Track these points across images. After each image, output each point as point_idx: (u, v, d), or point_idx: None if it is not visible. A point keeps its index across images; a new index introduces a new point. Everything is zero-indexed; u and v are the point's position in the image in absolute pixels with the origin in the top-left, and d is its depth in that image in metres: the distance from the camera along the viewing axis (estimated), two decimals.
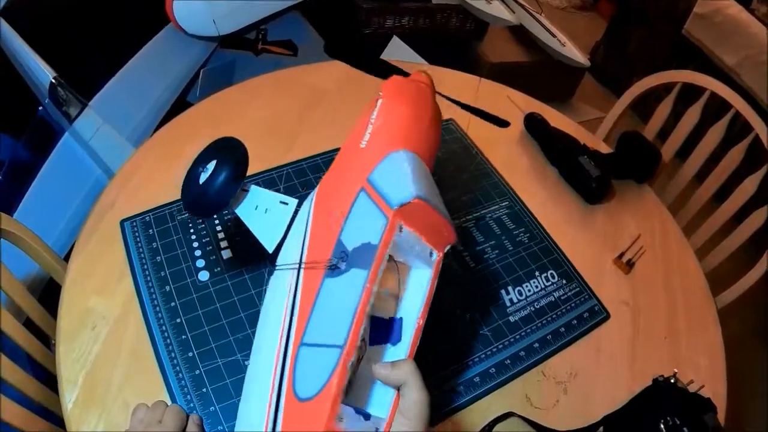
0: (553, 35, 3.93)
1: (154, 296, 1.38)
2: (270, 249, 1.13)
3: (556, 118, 2.05)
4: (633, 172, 1.94)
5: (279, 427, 0.86)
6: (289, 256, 1.07)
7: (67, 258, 1.52)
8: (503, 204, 1.76)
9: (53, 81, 2.46)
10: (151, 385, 1.25)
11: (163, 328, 1.33)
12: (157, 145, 1.79)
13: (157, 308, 1.36)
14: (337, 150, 1.18)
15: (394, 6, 3.61)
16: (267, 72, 2.05)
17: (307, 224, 1.08)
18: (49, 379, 1.48)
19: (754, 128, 2.07)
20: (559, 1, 5.77)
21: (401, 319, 1.00)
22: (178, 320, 1.34)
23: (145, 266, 1.43)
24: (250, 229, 1.17)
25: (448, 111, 2.01)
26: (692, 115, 2.24)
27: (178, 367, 1.27)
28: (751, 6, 4.02)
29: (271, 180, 1.67)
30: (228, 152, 1.20)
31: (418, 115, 1.18)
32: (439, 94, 1.34)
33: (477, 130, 1.96)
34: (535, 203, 1.78)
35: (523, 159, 1.93)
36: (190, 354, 1.29)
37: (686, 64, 3.92)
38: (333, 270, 0.95)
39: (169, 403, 1.18)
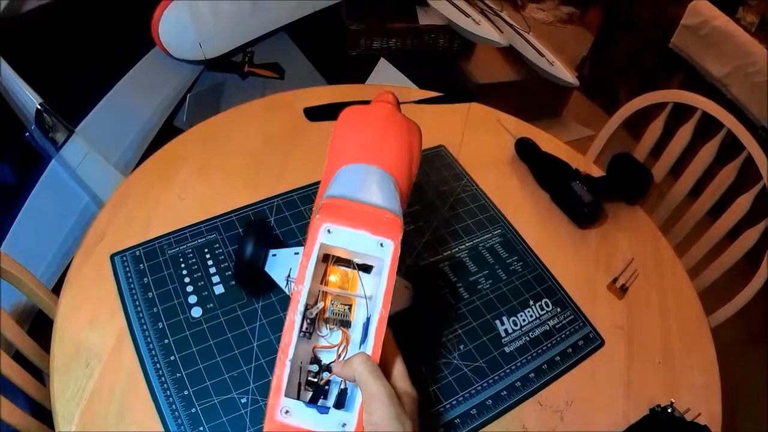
0: (542, 54, 3.94)
1: (146, 333, 1.36)
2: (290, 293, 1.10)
3: (547, 142, 2.05)
4: (625, 194, 1.94)
5: None
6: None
7: (56, 288, 1.51)
8: (496, 232, 1.75)
9: (39, 107, 2.44)
10: (148, 422, 1.24)
11: (158, 366, 1.31)
12: (147, 173, 1.77)
13: (150, 345, 1.34)
14: None
15: (382, 27, 3.63)
16: (254, 94, 2.06)
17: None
18: (40, 410, 1.49)
19: (746, 147, 2.08)
20: (545, 16, 5.77)
21: (368, 318, 0.99)
22: (172, 358, 1.32)
23: (137, 302, 1.42)
24: (279, 285, 1.21)
25: (439, 137, 2.01)
26: (684, 135, 2.25)
27: (174, 406, 1.25)
28: (736, 15, 4.03)
29: (261, 212, 1.66)
30: (249, 228, 1.27)
31: (377, 131, 1.16)
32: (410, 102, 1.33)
33: (468, 156, 1.96)
34: (527, 229, 1.78)
35: (515, 183, 1.92)
36: (186, 392, 1.27)
37: (674, 75, 3.94)
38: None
39: None
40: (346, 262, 1.03)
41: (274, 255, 1.24)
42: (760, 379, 3.32)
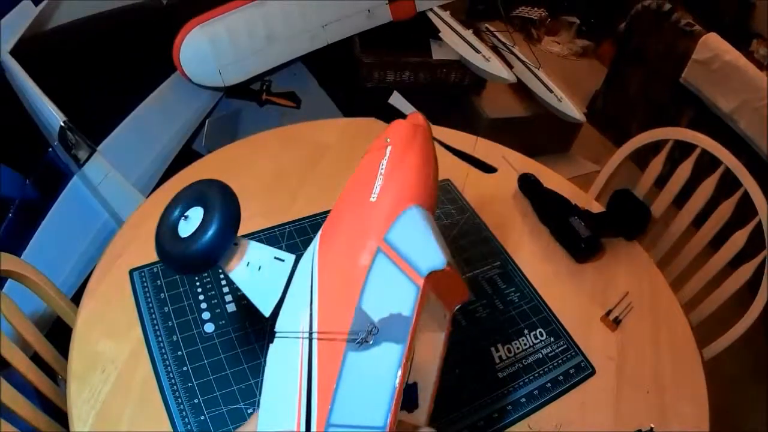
0: (551, 90, 3.96)
1: (162, 345, 1.43)
2: (266, 312, 0.99)
3: (550, 177, 2.10)
4: (623, 230, 1.99)
5: None
6: (292, 321, 0.90)
7: (73, 299, 1.58)
8: (495, 264, 1.80)
9: (63, 125, 2.49)
10: (159, 426, 1.30)
11: (171, 375, 1.38)
12: (167, 195, 1.77)
13: (165, 356, 1.41)
14: None
15: (396, 60, 3.67)
16: (271, 122, 2.10)
17: (312, 286, 0.92)
18: (54, 412, 1.55)
19: (743, 183, 2.13)
20: (560, 49, 5.81)
21: (416, 384, 0.97)
22: (185, 368, 1.39)
23: (154, 316, 1.49)
24: (242, 289, 1.03)
25: (446, 171, 2.04)
26: (684, 171, 2.29)
27: (184, 413, 1.31)
28: (750, 48, 4.07)
29: (273, 237, 1.72)
30: (218, 199, 1.04)
31: (424, 165, 1.07)
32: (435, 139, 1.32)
33: (472, 190, 2.01)
34: (526, 262, 1.83)
35: (517, 218, 1.97)
36: (196, 401, 1.34)
37: (685, 109, 3.97)
38: (360, 343, 0.85)
39: None
40: None
41: (236, 245, 1.05)
42: (762, 412, 3.35)
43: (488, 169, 1.48)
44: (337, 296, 0.90)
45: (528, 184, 2.03)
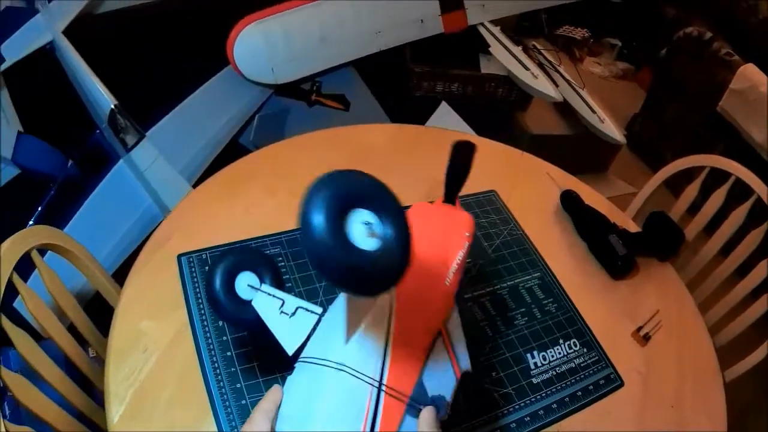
0: (593, 111, 3.97)
1: (206, 328, 1.46)
2: (290, 351, 1.05)
3: (590, 195, 2.14)
4: (657, 251, 2.02)
5: None
6: (362, 361, 0.95)
7: (113, 277, 1.61)
8: (535, 275, 1.84)
9: (113, 108, 2.53)
10: (198, 409, 1.32)
11: (214, 359, 1.41)
12: (216, 186, 1.88)
13: (209, 340, 1.44)
14: None
15: (445, 72, 3.71)
16: (318, 123, 2.12)
17: (387, 338, 0.97)
18: (85, 387, 1.59)
19: None
20: (602, 70, 5.82)
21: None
22: (229, 353, 1.42)
23: (200, 300, 1.52)
24: (271, 328, 1.10)
25: (492, 182, 2.11)
26: (717, 198, 2.32)
27: (225, 396, 1.34)
28: None
29: None
30: (265, 265, 1.20)
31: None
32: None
33: (516, 203, 2.05)
34: (564, 274, 1.86)
35: (557, 231, 2.00)
36: (238, 385, 1.37)
37: (719, 139, 3.98)
38: (412, 410, 0.93)
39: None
40: None
41: (266, 293, 1.17)
42: None
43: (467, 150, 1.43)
44: (406, 361, 0.97)
45: (569, 200, 2.06)
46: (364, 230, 0.78)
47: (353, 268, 0.74)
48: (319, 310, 1.10)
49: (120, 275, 1.63)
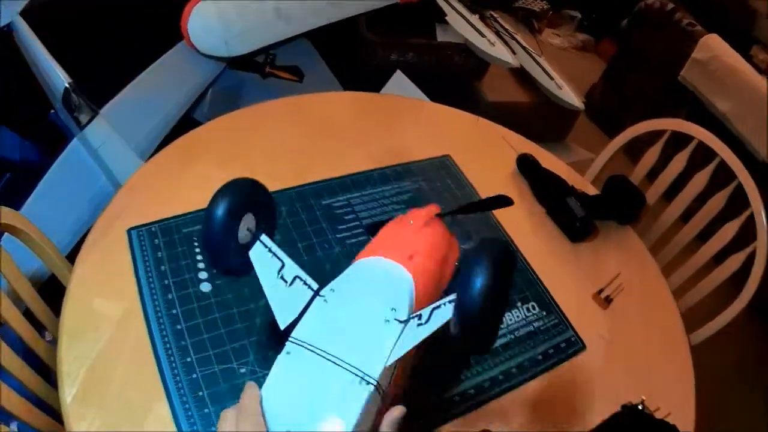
0: (551, 78, 3.98)
1: (157, 303, 1.43)
2: (282, 326, 1.04)
3: (547, 159, 2.12)
4: (617, 214, 2.01)
5: None
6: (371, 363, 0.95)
7: (68, 259, 1.59)
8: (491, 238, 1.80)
9: (68, 86, 2.50)
10: (150, 385, 1.30)
11: (164, 333, 1.38)
12: (167, 160, 1.84)
13: (159, 314, 1.41)
14: (340, 177, 1.16)
15: (401, 41, 3.68)
16: (273, 95, 2.09)
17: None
18: (41, 370, 1.55)
19: (738, 177, 2.14)
20: (561, 41, 5.82)
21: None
22: (179, 327, 1.39)
23: (150, 274, 1.49)
24: (268, 296, 1.09)
25: (447, 147, 2.09)
26: (678, 162, 2.31)
27: (176, 370, 1.32)
28: (750, 52, 4.09)
29: (278, 199, 1.68)
30: (266, 209, 1.19)
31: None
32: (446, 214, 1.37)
33: (471, 167, 2.03)
34: (521, 238, 1.84)
35: (514, 196, 1.89)
36: (188, 359, 1.34)
37: (680, 108, 3.99)
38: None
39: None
40: None
41: (266, 247, 1.16)
42: (748, 405, 3.37)
43: (505, 202, 1.49)
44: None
45: (526, 164, 2.05)
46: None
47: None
48: (315, 285, 1.08)
49: (75, 255, 1.59)
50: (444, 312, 0.98)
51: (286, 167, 1.80)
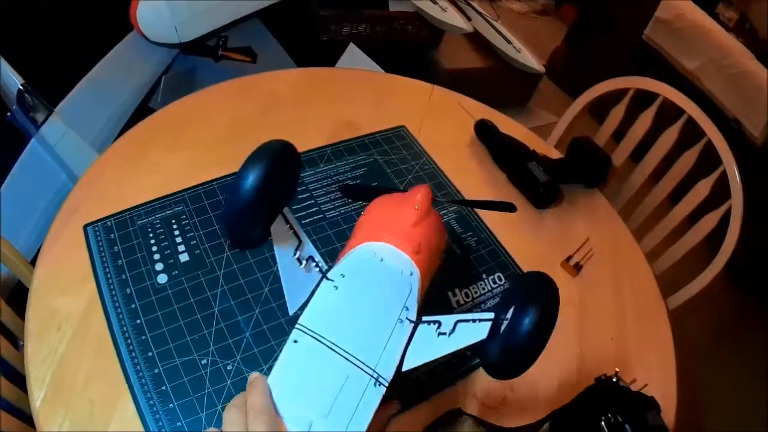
0: (509, 41, 3.99)
1: (115, 298, 1.42)
2: (291, 311, 1.04)
3: (507, 124, 2.10)
4: (583, 176, 1.98)
5: None
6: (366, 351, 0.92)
7: (33, 261, 1.57)
8: (452, 209, 1.79)
9: (21, 87, 2.48)
10: (114, 383, 1.29)
11: (125, 328, 1.36)
12: (120, 150, 1.81)
13: (119, 310, 1.40)
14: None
15: (352, 13, 3.66)
16: (227, 77, 2.08)
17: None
18: (16, 378, 1.52)
19: (707, 133, 2.12)
20: (520, 6, 5.83)
21: None
22: (138, 321, 1.38)
23: (107, 269, 1.47)
24: (282, 276, 1.07)
25: (402, 118, 2.07)
26: (644, 121, 2.29)
27: (138, 366, 1.30)
28: (716, 10, 4.09)
29: (227, 185, 1.69)
30: (293, 176, 1.16)
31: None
32: (441, 200, 1.36)
33: (428, 137, 2.01)
34: None
35: (473, 164, 1.97)
36: (150, 354, 1.33)
37: (647, 69, 3.99)
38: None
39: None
40: None
41: (287, 222, 1.11)
42: (726, 371, 3.38)
43: (508, 207, 1.47)
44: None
45: (485, 130, 2.02)
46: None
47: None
48: (325, 267, 1.03)
49: None
50: (477, 330, 0.97)
51: (237, 148, 1.78)
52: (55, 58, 2.83)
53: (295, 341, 0.90)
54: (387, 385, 0.89)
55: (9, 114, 2.61)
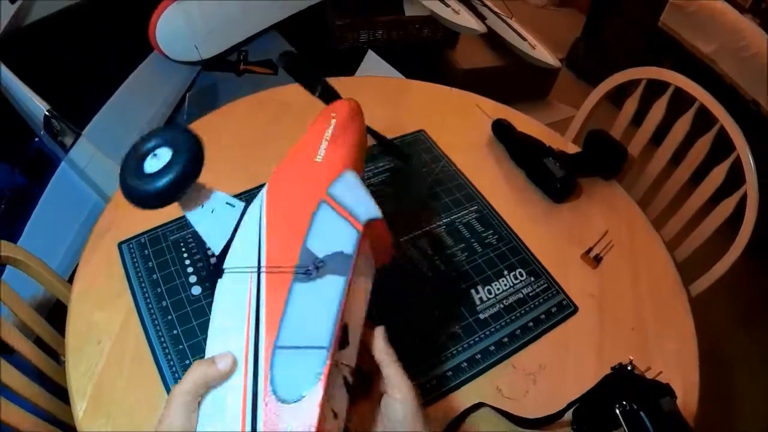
0: (524, 38, 4.00)
1: (152, 311, 1.47)
2: (216, 250, 1.07)
3: (523, 122, 2.13)
4: (600, 169, 2.01)
5: (260, 428, 0.82)
6: (240, 259, 1.00)
7: (70, 279, 1.61)
8: (472, 209, 1.83)
9: (47, 113, 2.53)
10: (153, 391, 1.34)
11: (162, 339, 1.42)
12: None
13: (156, 322, 1.45)
14: None
15: (368, 20, 3.70)
16: (249, 91, 2.11)
17: (260, 228, 1.03)
18: (58, 391, 1.57)
19: (719, 120, 2.13)
20: (538, 0, 5.83)
21: (347, 325, 0.98)
22: (175, 332, 1.43)
23: (143, 284, 1.52)
24: (195, 228, 1.10)
25: (421, 122, 2.10)
26: (658, 110, 2.30)
27: (176, 375, 1.35)
28: None
29: (253, 197, 1.70)
30: (185, 142, 1.09)
31: (359, 140, 1.24)
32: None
33: (446, 139, 2.04)
34: (503, 205, 1.85)
35: (491, 163, 2.00)
36: (187, 362, 1.37)
37: (664, 55, 3.99)
38: (305, 275, 0.95)
39: None
40: None
41: (199, 191, 1.12)
42: (752, 354, 3.38)
43: (404, 157, 1.53)
44: (283, 237, 1.00)
45: (501, 129, 2.05)
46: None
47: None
48: (241, 204, 1.11)
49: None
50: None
51: (265, 161, 1.82)
52: (78, 81, 2.87)
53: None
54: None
55: (37, 139, 2.66)
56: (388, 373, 0.94)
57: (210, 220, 1.10)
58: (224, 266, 1.00)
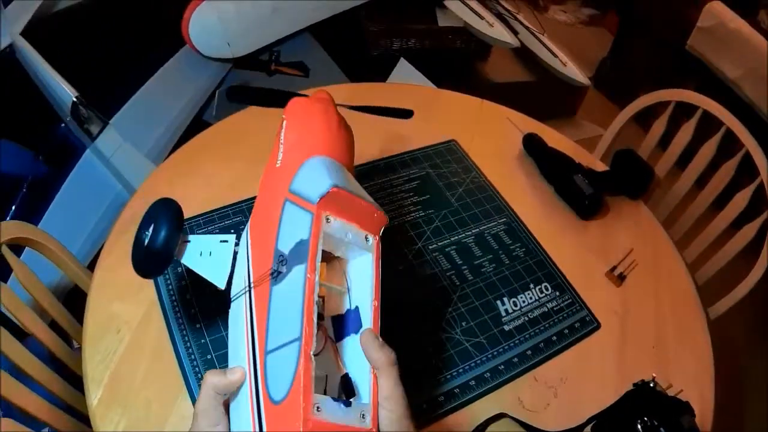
0: (555, 55, 4.00)
1: (175, 304, 1.47)
2: (222, 286, 1.11)
3: (554, 138, 2.12)
4: (627, 188, 2.01)
5: None
6: (236, 285, 1.09)
7: (90, 267, 1.61)
8: (501, 221, 1.83)
9: (75, 100, 2.53)
10: (171, 384, 1.34)
11: (184, 332, 1.42)
12: (176, 164, 1.87)
13: (179, 314, 1.45)
14: None
15: (402, 28, 3.69)
16: None
17: (247, 252, 1.09)
18: (70, 378, 1.58)
19: (745, 145, 2.13)
20: (567, 17, 5.82)
21: (357, 308, 1.03)
22: (198, 326, 1.43)
23: (167, 277, 1.52)
24: (200, 274, 1.14)
25: (452, 132, 2.10)
26: (685, 133, 2.31)
27: (197, 368, 1.35)
28: (757, 18, 4.08)
29: None
30: (162, 212, 1.15)
31: (326, 124, 1.22)
32: (345, 106, 1.39)
33: (477, 151, 2.04)
34: (531, 218, 1.85)
35: (521, 176, 2.00)
36: (209, 356, 1.37)
37: (689, 77, 3.98)
38: (276, 276, 0.99)
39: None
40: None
41: (187, 242, 1.17)
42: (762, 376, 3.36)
43: (404, 114, 1.53)
44: (261, 249, 1.05)
45: (532, 144, 2.05)
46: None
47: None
48: (233, 237, 1.13)
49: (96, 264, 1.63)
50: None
51: None
52: (107, 70, 2.88)
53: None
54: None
55: (62, 125, 2.66)
56: (381, 383, 0.93)
57: (209, 262, 1.14)
58: (231, 296, 1.09)
